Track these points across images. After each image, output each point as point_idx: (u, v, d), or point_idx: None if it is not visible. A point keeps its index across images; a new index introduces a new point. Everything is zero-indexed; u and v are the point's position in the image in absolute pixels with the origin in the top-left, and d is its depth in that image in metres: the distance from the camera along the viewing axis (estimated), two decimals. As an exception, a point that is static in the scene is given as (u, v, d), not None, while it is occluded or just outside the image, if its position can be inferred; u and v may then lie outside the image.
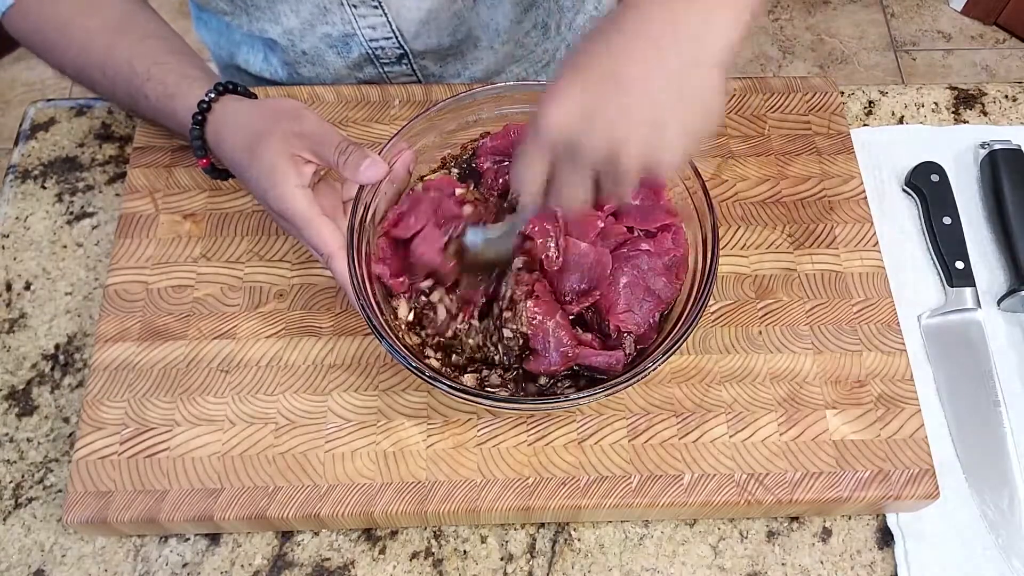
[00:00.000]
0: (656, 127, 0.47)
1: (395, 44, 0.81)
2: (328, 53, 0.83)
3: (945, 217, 0.74)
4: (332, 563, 0.63)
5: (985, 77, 2.01)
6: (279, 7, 0.77)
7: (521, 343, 0.60)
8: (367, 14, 0.78)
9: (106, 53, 0.69)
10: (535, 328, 0.60)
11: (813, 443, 0.63)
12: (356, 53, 0.83)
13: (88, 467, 0.62)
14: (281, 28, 0.79)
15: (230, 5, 0.78)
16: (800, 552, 0.63)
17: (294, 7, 0.77)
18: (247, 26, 0.80)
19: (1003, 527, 0.63)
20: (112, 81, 0.69)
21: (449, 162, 0.69)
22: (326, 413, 0.64)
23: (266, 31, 0.80)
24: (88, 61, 0.70)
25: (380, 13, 0.78)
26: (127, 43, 0.69)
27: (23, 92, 1.96)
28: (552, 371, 0.60)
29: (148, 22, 0.71)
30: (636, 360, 0.62)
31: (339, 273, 0.59)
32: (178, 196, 0.74)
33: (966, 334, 0.70)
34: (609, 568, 0.63)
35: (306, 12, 0.78)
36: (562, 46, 0.94)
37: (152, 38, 0.70)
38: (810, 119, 0.78)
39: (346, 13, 0.78)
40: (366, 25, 0.79)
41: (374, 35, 0.80)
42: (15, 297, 0.73)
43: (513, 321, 0.61)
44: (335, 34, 0.80)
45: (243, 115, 0.64)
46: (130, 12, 0.71)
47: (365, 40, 0.81)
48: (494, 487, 0.62)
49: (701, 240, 0.62)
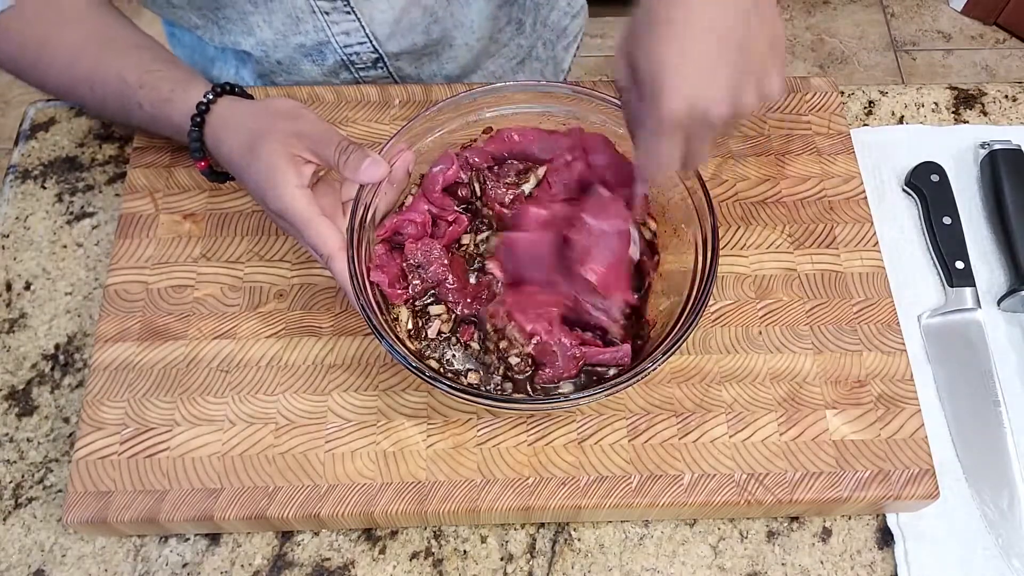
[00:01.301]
0: (764, 73, 0.50)
1: (369, 48, 0.81)
2: (303, 62, 0.83)
3: (945, 217, 0.74)
4: (332, 563, 0.63)
5: (985, 77, 2.01)
6: (251, 19, 0.77)
7: (530, 362, 0.62)
8: (340, 20, 0.78)
9: (92, 68, 0.68)
10: (538, 346, 0.61)
11: (813, 443, 0.63)
12: (331, 60, 0.82)
13: (88, 467, 0.62)
14: (254, 40, 0.79)
15: (202, 19, 0.78)
16: (800, 552, 0.63)
17: (266, 18, 0.77)
18: (219, 39, 0.80)
19: (1003, 527, 0.63)
20: (102, 95, 0.68)
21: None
22: (326, 413, 0.64)
23: (239, 43, 0.80)
24: (74, 77, 0.69)
25: (353, 18, 0.78)
26: (113, 56, 0.68)
27: (23, 92, 1.96)
28: (565, 377, 0.61)
29: (130, 34, 0.70)
30: (633, 326, 0.64)
31: (338, 273, 0.59)
32: (178, 196, 0.74)
33: (966, 334, 0.70)
34: (609, 568, 0.63)
35: (279, 23, 0.77)
36: (537, 42, 0.94)
37: (137, 48, 0.69)
38: (810, 119, 0.78)
39: (319, 21, 0.78)
40: (339, 31, 0.79)
41: (348, 41, 0.80)
42: (15, 297, 0.73)
43: (514, 346, 0.62)
44: (309, 43, 0.80)
45: (242, 116, 0.64)
46: (110, 26, 0.70)
47: (339, 47, 0.81)
48: (494, 487, 0.62)
49: (701, 240, 0.62)
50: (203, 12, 0.77)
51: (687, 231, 0.65)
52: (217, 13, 0.77)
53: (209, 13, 0.77)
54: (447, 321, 0.63)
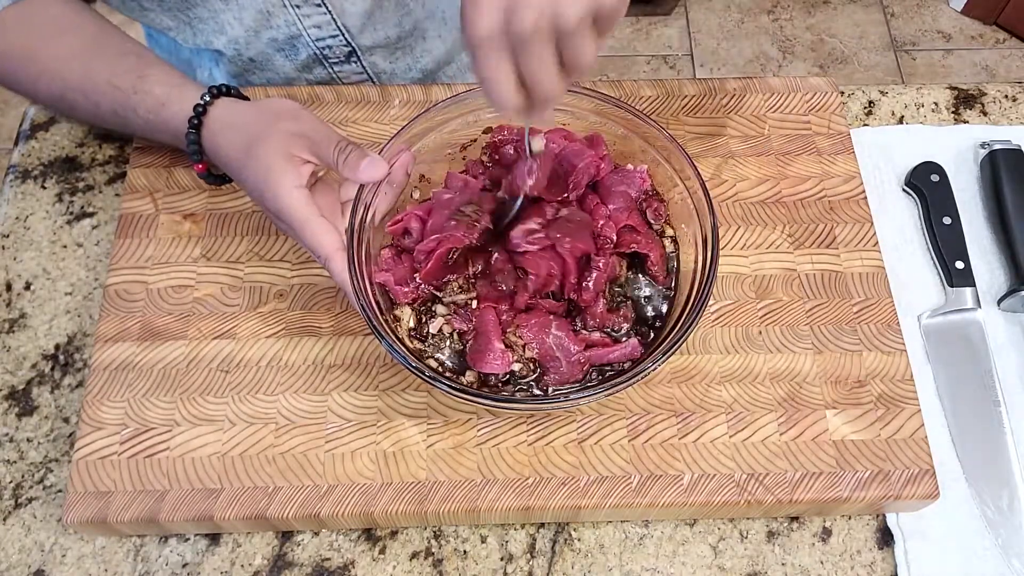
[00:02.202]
0: None
1: (342, 41, 0.81)
2: (276, 57, 0.83)
3: (945, 217, 0.74)
4: (332, 563, 0.63)
5: (985, 77, 2.01)
6: (222, 17, 0.77)
7: (534, 367, 0.62)
8: (311, 13, 0.78)
9: (84, 76, 0.68)
10: (541, 351, 0.61)
11: (813, 443, 0.63)
12: (304, 54, 0.82)
13: (88, 467, 0.62)
14: (226, 38, 0.79)
15: (173, 20, 0.78)
16: (800, 552, 0.63)
17: (237, 15, 0.77)
18: (192, 40, 0.80)
19: (1003, 527, 0.63)
20: (95, 102, 0.68)
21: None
22: (326, 413, 0.64)
23: (211, 43, 0.80)
24: (66, 86, 0.68)
25: (324, 11, 0.78)
26: (104, 62, 0.68)
27: (23, 92, 1.96)
28: (571, 381, 0.61)
29: (119, 40, 0.70)
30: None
31: (337, 274, 0.59)
32: (178, 196, 0.74)
33: (966, 334, 0.70)
34: (609, 568, 0.63)
35: (249, 19, 0.77)
36: None
37: (128, 54, 0.68)
38: (810, 119, 0.78)
39: (289, 15, 0.78)
40: (311, 24, 0.79)
41: (320, 34, 0.80)
42: (15, 297, 0.73)
43: (515, 351, 0.62)
44: (281, 37, 0.80)
45: (240, 116, 0.64)
46: (98, 33, 0.70)
47: (311, 40, 0.81)
48: (494, 487, 0.62)
49: (701, 240, 0.62)
50: (174, 13, 0.77)
51: (687, 231, 0.65)
52: (188, 13, 0.77)
53: (180, 14, 0.77)
54: (449, 321, 0.63)
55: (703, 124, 0.78)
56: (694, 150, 0.76)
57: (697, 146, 0.76)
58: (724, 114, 0.78)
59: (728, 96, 0.79)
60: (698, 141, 0.77)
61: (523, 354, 0.61)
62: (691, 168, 0.62)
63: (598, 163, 0.66)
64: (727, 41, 2.10)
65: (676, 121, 0.78)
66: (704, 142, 0.77)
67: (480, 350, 0.60)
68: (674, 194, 0.66)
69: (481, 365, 0.60)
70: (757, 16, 2.14)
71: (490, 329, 0.60)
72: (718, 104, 0.79)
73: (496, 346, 0.60)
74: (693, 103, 0.79)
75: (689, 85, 0.80)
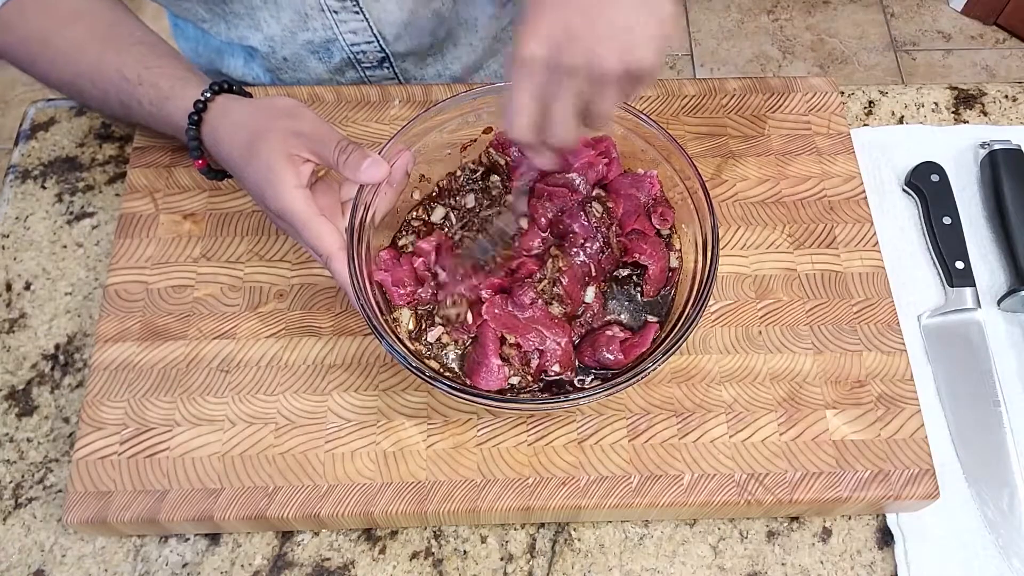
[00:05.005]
0: (626, 30, 0.50)
1: (376, 48, 0.81)
2: (310, 59, 0.83)
3: (945, 217, 0.74)
4: (332, 563, 0.63)
5: (985, 77, 2.01)
6: (258, 14, 0.77)
7: (533, 380, 0.62)
8: (348, 19, 0.78)
9: (94, 63, 0.68)
10: (540, 360, 0.62)
11: (813, 443, 0.63)
12: (338, 58, 0.83)
13: (88, 467, 0.62)
14: (262, 35, 0.79)
15: (209, 13, 0.77)
16: (800, 552, 0.63)
17: (275, 14, 0.77)
18: (225, 34, 0.80)
19: (1003, 527, 0.63)
20: (103, 91, 0.68)
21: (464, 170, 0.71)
22: (326, 413, 0.64)
23: (246, 38, 0.80)
24: (77, 72, 0.68)
25: (361, 18, 0.78)
26: (115, 51, 0.68)
27: (23, 92, 1.96)
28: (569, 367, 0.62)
29: (133, 29, 0.70)
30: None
31: (337, 273, 0.59)
32: (178, 196, 0.74)
33: (966, 334, 0.70)
34: (609, 568, 0.63)
35: (287, 19, 0.77)
36: None
37: (139, 44, 0.68)
38: (810, 119, 0.78)
39: (327, 19, 0.78)
40: (347, 30, 0.79)
41: (355, 39, 0.80)
42: (15, 297, 0.73)
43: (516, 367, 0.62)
44: (316, 40, 0.80)
45: (240, 114, 0.64)
46: (114, 20, 0.70)
47: (347, 45, 0.81)
48: (494, 487, 0.62)
49: (701, 240, 0.62)
50: (210, 6, 0.77)
51: (687, 231, 0.65)
52: (224, 7, 0.77)
53: (216, 7, 0.77)
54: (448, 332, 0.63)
55: (703, 124, 0.78)
56: (694, 150, 0.76)
57: (697, 146, 0.76)
58: (724, 114, 0.78)
59: (728, 96, 0.79)
60: (698, 141, 0.77)
61: (521, 367, 0.61)
62: (691, 168, 0.62)
63: (596, 161, 0.66)
64: (727, 41, 2.10)
65: (676, 121, 0.78)
66: (704, 142, 0.77)
67: (477, 363, 0.60)
68: (674, 194, 0.66)
69: (476, 380, 0.60)
70: (757, 16, 2.14)
71: (488, 343, 0.60)
72: (718, 104, 0.79)
73: (492, 362, 0.60)
74: (693, 103, 0.79)
75: (689, 85, 0.80)
